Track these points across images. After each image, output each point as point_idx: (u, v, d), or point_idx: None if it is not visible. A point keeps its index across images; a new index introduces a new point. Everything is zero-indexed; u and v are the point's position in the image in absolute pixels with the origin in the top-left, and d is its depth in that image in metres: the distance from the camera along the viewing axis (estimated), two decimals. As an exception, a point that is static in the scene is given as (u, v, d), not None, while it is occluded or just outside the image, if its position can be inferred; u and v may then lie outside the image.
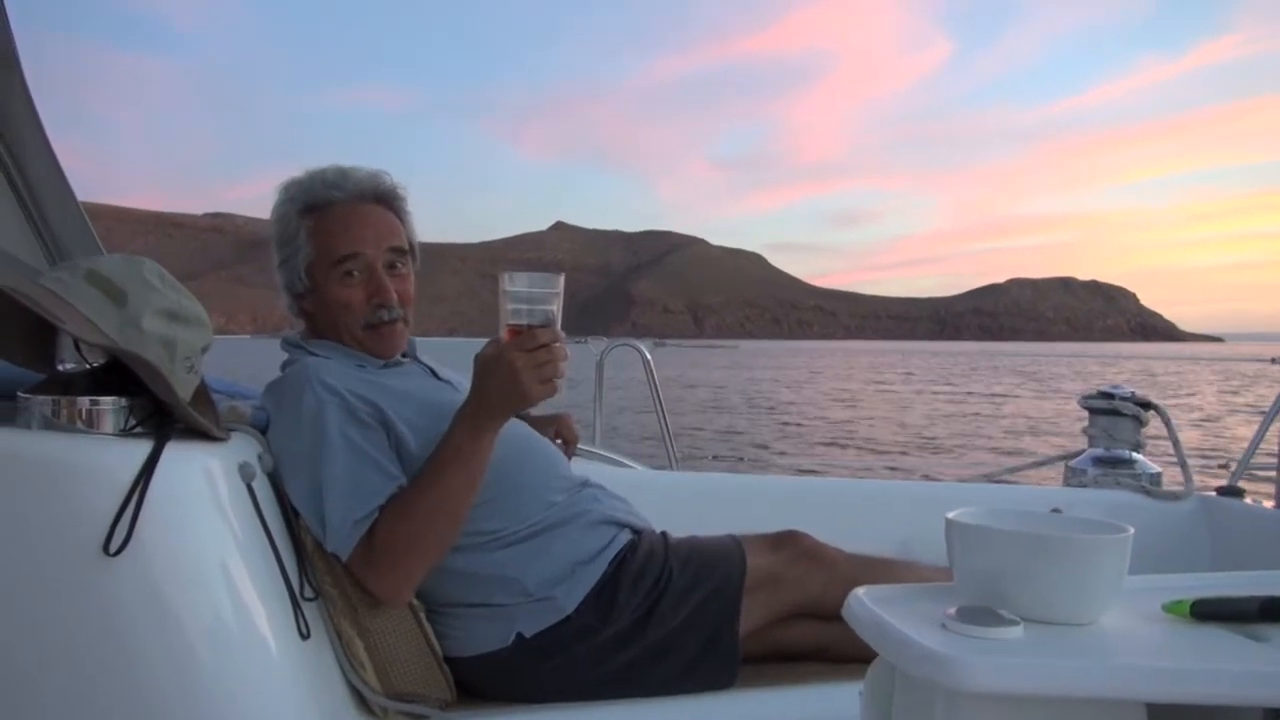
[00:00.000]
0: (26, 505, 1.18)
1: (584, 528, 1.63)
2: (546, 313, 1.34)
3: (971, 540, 0.91)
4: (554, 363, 1.34)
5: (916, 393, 32.72)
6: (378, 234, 1.65)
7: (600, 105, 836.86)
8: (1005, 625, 0.82)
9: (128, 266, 1.34)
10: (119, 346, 1.27)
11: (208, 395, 1.45)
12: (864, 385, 37.93)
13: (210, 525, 1.27)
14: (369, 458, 1.47)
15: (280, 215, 1.66)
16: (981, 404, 26.88)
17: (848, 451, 15.22)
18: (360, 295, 1.63)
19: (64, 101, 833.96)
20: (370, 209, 1.66)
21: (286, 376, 1.59)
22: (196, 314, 1.38)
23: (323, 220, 1.63)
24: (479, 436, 1.41)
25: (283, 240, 1.66)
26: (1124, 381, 3.12)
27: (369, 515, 1.42)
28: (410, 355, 1.76)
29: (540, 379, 1.34)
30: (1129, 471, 2.76)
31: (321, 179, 1.66)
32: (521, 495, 1.60)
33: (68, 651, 1.17)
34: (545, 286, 1.34)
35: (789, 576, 1.66)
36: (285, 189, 1.67)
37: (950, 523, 0.92)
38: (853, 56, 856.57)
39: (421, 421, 1.54)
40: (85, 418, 1.26)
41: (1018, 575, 0.87)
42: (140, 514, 1.16)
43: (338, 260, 1.62)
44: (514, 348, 1.33)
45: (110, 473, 1.18)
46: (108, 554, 1.14)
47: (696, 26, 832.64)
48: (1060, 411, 22.72)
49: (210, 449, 1.32)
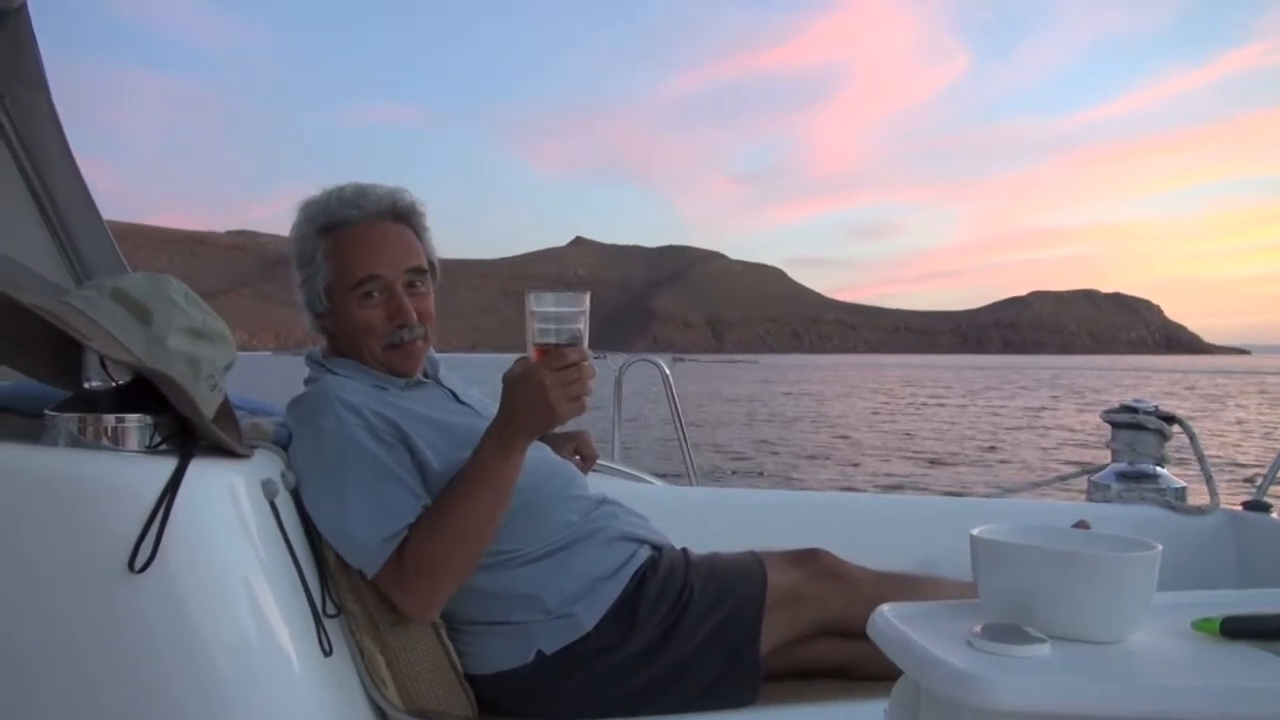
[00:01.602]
0: (53, 522, 1.18)
1: (603, 544, 1.63)
2: (573, 332, 1.35)
3: (997, 557, 0.90)
4: (582, 381, 1.36)
5: (939, 405, 32.57)
6: (396, 254, 1.64)
7: (618, 119, 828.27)
8: (1032, 643, 0.81)
9: (153, 285, 1.35)
10: (144, 364, 1.28)
11: (231, 412, 1.46)
12: (885, 399, 37.78)
13: (234, 542, 1.27)
14: (395, 476, 1.47)
15: (299, 235, 1.66)
16: (1002, 417, 26.69)
17: (869, 467, 15.14)
18: (380, 316, 1.63)
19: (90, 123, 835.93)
20: (388, 228, 1.66)
21: (308, 394, 1.59)
22: (220, 331, 1.39)
23: (340, 241, 1.63)
24: (508, 455, 1.42)
25: (302, 260, 1.66)
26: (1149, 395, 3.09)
27: (399, 533, 1.43)
28: (432, 376, 1.76)
29: (568, 397, 1.35)
30: (1153, 486, 2.73)
31: (339, 197, 1.65)
32: (540, 514, 1.60)
33: (92, 667, 1.17)
34: (572, 306, 1.35)
35: (811, 594, 1.65)
36: (303, 208, 1.67)
37: (975, 539, 0.92)
38: (870, 69, 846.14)
39: (441, 444, 1.54)
40: (111, 435, 1.27)
41: (1045, 592, 0.86)
42: (165, 531, 1.17)
43: (356, 282, 1.62)
44: (542, 367, 1.34)
45: (135, 490, 1.19)
46: (133, 571, 1.15)
47: (714, 40, 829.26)
48: (1082, 425, 22.53)
49: (234, 466, 1.33)
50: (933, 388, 48.24)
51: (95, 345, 1.24)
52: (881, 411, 29.78)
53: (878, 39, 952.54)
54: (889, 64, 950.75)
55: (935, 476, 13.76)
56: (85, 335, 1.23)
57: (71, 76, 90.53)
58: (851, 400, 36.74)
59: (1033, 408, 31.09)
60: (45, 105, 2.09)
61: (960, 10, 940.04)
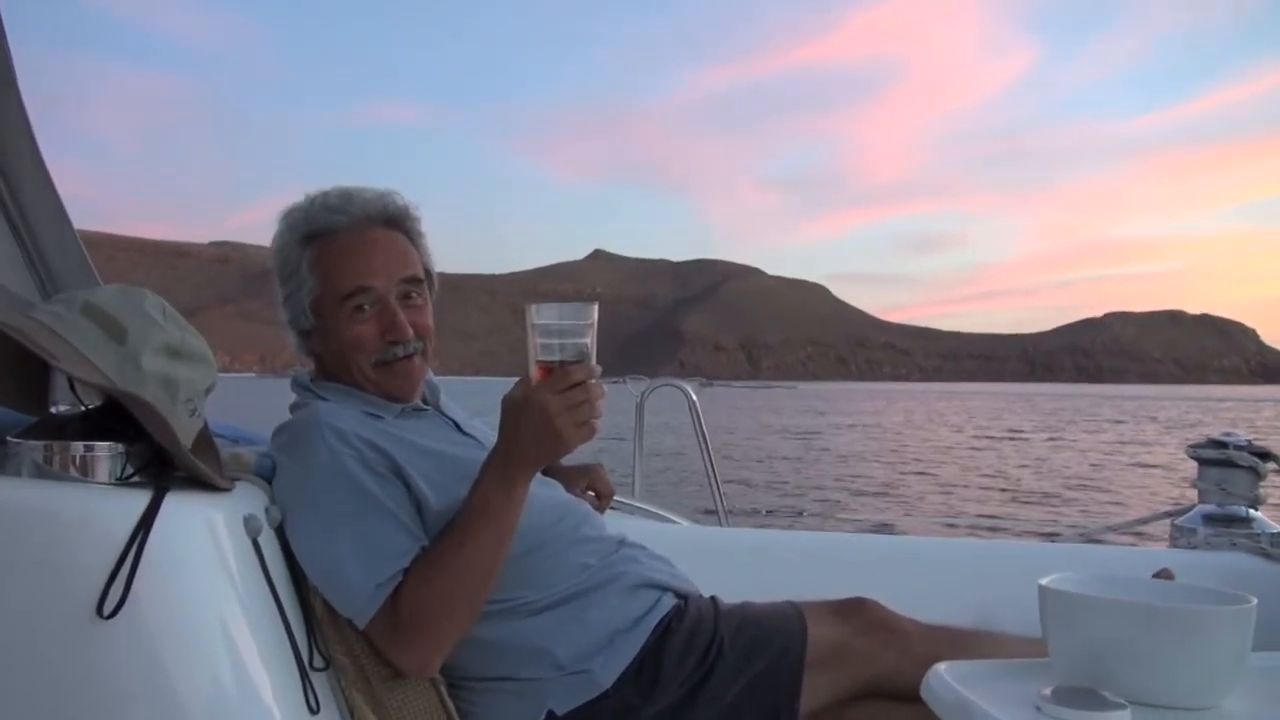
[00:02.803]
0: (14, 560, 1.20)
1: (622, 592, 1.63)
2: (580, 347, 1.34)
3: (1069, 610, 0.89)
4: (590, 403, 1.34)
5: (1006, 439, 32.34)
6: (389, 263, 1.65)
7: (641, 121, 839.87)
8: (1110, 709, 0.80)
9: (127, 299, 1.37)
10: (116, 386, 1.29)
11: (211, 440, 1.47)
12: (943, 431, 37.53)
13: (212, 585, 1.28)
14: (389, 514, 1.47)
15: (280, 245, 1.67)
16: (1074, 453, 26.45)
17: (922, 507, 15.03)
18: (372, 331, 1.64)
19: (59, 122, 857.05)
20: (379, 235, 1.67)
21: (294, 422, 1.60)
22: (200, 351, 1.41)
23: (327, 250, 1.64)
24: (510, 489, 1.42)
25: (284, 274, 1.67)
26: (1242, 428, 3.05)
27: (392, 578, 1.43)
28: (432, 403, 1.77)
29: (576, 421, 1.34)
30: (1245, 530, 2.69)
31: (323, 203, 1.66)
32: (550, 557, 1.60)
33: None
34: (577, 318, 1.34)
35: (857, 649, 1.64)
36: (285, 216, 1.68)
37: (1044, 590, 0.91)
38: (924, 64, 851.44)
39: (441, 478, 1.54)
40: (79, 465, 1.28)
41: (1124, 651, 0.85)
42: (137, 572, 1.17)
43: (345, 295, 1.63)
44: (546, 388, 1.34)
45: (105, 526, 1.20)
46: (101, 616, 1.16)
47: (748, 32, 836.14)
48: (1165, 462, 22.30)
49: (213, 500, 1.34)
50: (996, 420, 47.93)
51: (63, 365, 1.25)
52: (938, 445, 29.60)
53: (932, 30, 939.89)
54: (944, 58, 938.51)
55: (998, 518, 13.64)
56: (53, 354, 1.25)
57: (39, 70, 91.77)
58: (904, 433, 36.56)
59: (1109, 442, 30.79)
60: (14, 102, 2.13)
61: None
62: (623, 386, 3.50)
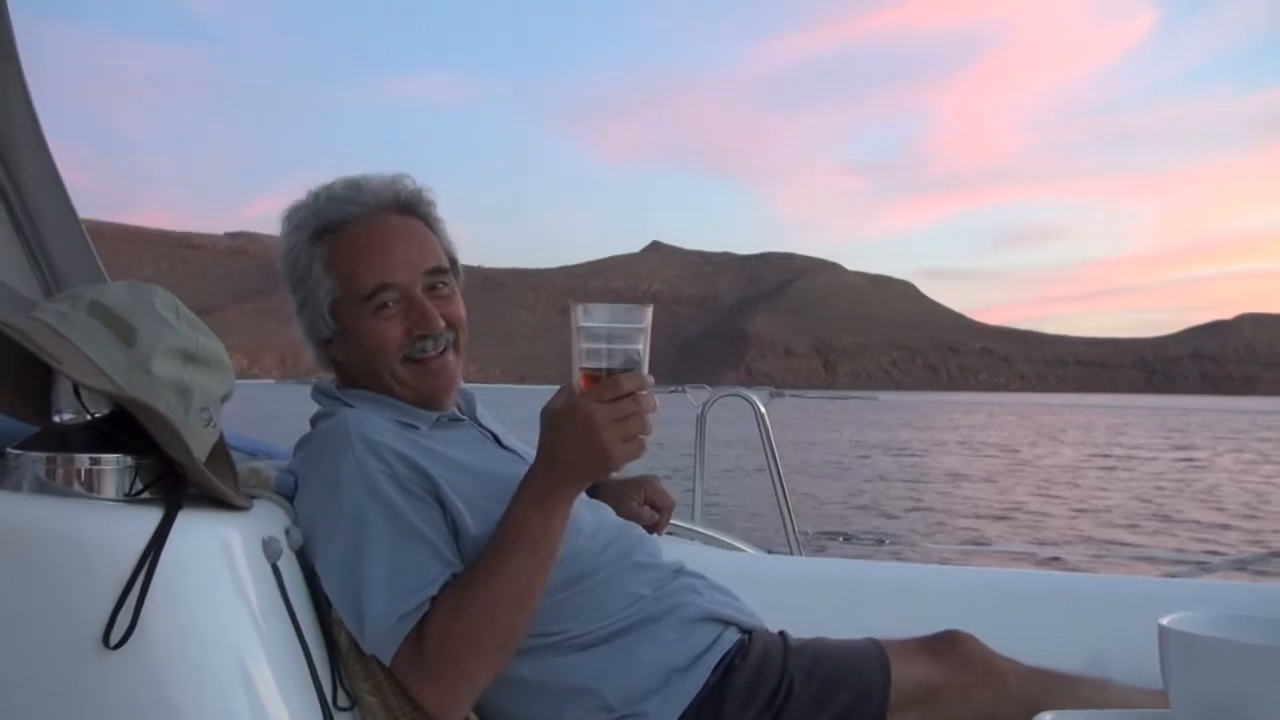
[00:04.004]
0: (13, 582, 1.22)
1: (679, 626, 1.62)
2: (630, 353, 1.34)
3: (1195, 654, 0.87)
4: (640, 415, 1.33)
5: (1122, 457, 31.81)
6: (410, 254, 1.68)
7: (703, 97, 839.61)
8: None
9: (137, 297, 1.39)
10: (125, 393, 1.31)
11: (227, 454, 1.49)
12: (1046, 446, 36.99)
13: (228, 614, 1.30)
14: (420, 537, 1.48)
15: (289, 247, 1.70)
16: (1195, 474, 25.91)
17: (1020, 533, 14.82)
18: (399, 329, 1.66)
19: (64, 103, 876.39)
20: (394, 223, 1.69)
21: (319, 433, 1.62)
22: (216, 355, 1.42)
23: (341, 246, 1.67)
24: (550, 510, 1.41)
25: (297, 279, 1.70)
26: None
27: (418, 608, 1.43)
28: (468, 414, 1.78)
29: (624, 436, 1.33)
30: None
31: (329, 195, 1.69)
32: (598, 587, 1.60)
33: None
34: (629, 321, 1.34)
35: (948, 691, 1.62)
36: (289, 217, 1.71)
37: (1166, 631, 0.89)
38: (1025, 29, 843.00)
39: (480, 500, 1.55)
40: (84, 479, 1.30)
41: (1259, 701, 0.83)
42: (146, 598, 1.19)
43: (368, 294, 1.65)
44: (591, 398, 1.33)
45: (112, 547, 1.22)
46: (107, 646, 1.18)
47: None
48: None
49: (229, 520, 1.36)
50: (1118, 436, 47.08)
51: (68, 370, 1.27)
52: (1050, 464, 29.17)
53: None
54: (1046, 22, 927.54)
55: (1109, 548, 13.40)
56: (56, 358, 1.27)
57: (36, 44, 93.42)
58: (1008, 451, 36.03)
59: (1242, 462, 30.11)
60: (14, 77, 2.15)
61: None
62: (681, 396, 3.49)
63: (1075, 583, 2.68)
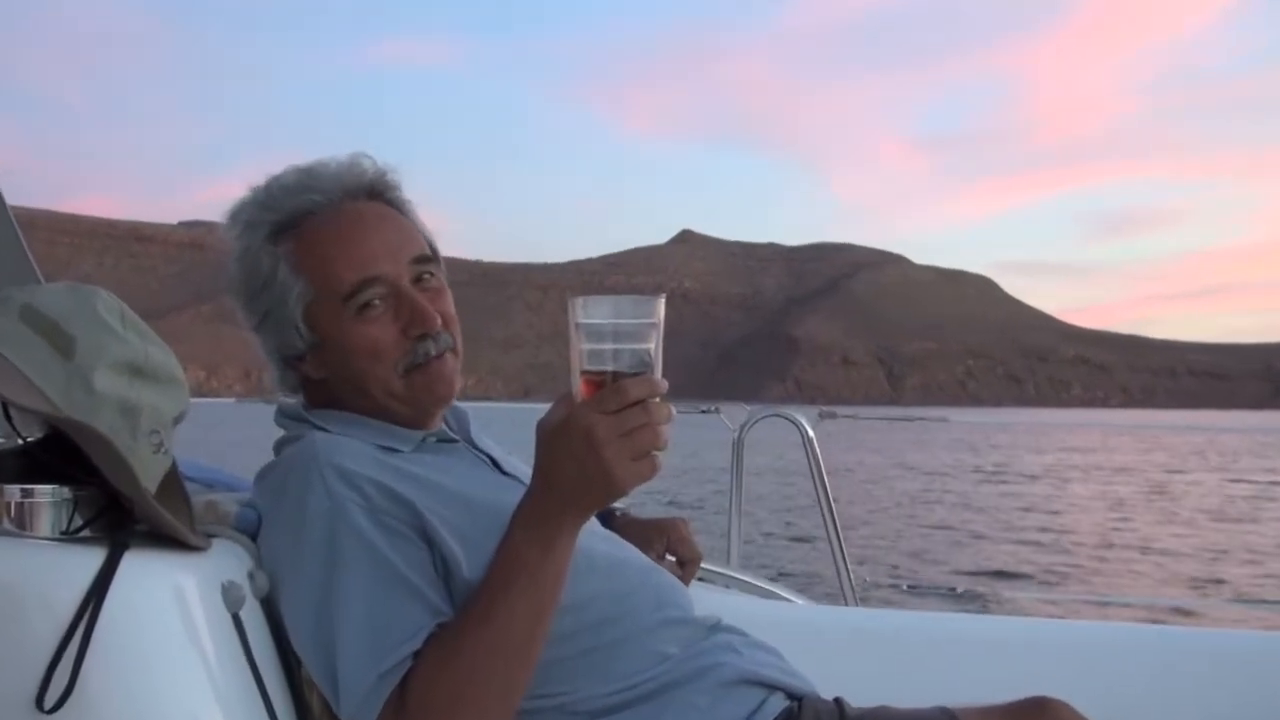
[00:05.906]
0: None
1: (713, 691, 1.62)
2: (639, 353, 1.30)
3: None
4: (652, 427, 1.28)
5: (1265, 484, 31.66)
6: (389, 243, 1.68)
7: (740, 61, 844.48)
8: None
9: (76, 301, 1.40)
10: (61, 414, 1.32)
11: (180, 485, 1.50)
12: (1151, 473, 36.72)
13: (182, 672, 1.31)
14: (402, 580, 1.47)
15: (243, 252, 1.69)
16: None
17: (1123, 579, 14.72)
18: (391, 331, 1.66)
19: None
20: (365, 209, 1.70)
21: (284, 461, 1.63)
22: (168, 368, 1.43)
23: (309, 240, 1.67)
24: (549, 542, 1.38)
25: (255, 288, 1.69)
26: None
27: (399, 665, 1.43)
28: (460, 434, 1.79)
29: (631, 452, 1.28)
30: None
31: (280, 187, 1.70)
32: (619, 642, 1.60)
33: None
34: (637, 315, 1.30)
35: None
36: (236, 215, 1.72)
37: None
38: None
39: (475, 534, 1.54)
40: (14, 514, 1.31)
41: None
42: (86, 654, 1.20)
43: (350, 291, 1.65)
44: (592, 407, 1.29)
45: (46, 594, 1.23)
46: (41, 710, 1.19)
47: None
48: None
49: (183, 562, 1.37)
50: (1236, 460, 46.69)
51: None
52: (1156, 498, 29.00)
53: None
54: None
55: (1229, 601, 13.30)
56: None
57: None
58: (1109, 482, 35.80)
59: None
60: None
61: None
62: (716, 417, 3.47)
63: (1189, 638, 2.65)
